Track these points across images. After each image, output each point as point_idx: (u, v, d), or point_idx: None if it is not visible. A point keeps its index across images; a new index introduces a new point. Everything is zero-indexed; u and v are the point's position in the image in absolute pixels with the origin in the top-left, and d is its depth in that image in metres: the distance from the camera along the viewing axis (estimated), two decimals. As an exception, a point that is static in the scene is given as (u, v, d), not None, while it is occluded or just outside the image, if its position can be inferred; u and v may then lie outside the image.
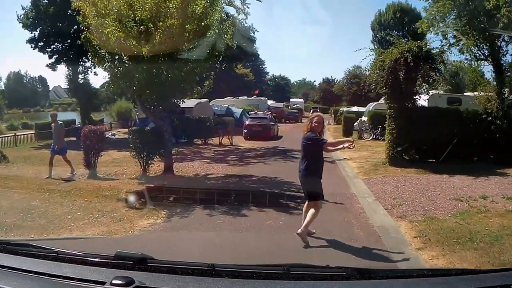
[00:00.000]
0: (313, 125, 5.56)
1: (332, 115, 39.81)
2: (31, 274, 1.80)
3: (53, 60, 25.48)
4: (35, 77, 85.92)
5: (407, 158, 11.99)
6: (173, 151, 15.55)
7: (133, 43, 8.73)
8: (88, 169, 10.92)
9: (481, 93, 13.58)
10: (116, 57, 9.37)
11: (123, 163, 12.75)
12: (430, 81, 11.93)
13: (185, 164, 12.87)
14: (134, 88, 9.97)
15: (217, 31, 9.21)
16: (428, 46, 11.75)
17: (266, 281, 1.74)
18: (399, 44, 11.82)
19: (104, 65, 9.92)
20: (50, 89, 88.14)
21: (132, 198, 7.55)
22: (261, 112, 28.00)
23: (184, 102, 11.75)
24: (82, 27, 10.21)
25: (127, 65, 9.44)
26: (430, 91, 15.57)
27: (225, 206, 7.22)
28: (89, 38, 9.88)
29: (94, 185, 9.78)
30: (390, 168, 11.58)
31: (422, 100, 13.48)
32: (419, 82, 11.65)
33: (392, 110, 11.87)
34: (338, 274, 1.83)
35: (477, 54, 13.34)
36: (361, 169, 11.79)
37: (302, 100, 60.98)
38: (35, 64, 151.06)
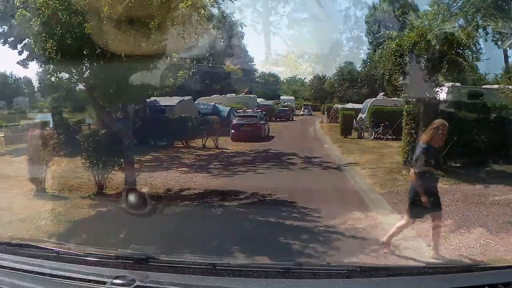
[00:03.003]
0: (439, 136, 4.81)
1: (326, 112, 37.77)
2: (33, 274, 1.76)
3: (24, 56, 23.14)
4: (20, 78, 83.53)
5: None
6: (148, 157, 13.51)
7: (74, 18, 6.45)
8: (34, 184, 8.75)
9: (507, 86, 11.70)
10: (56, 38, 7.01)
11: (86, 172, 10.55)
12: (456, 69, 9.80)
13: (157, 174, 10.48)
14: (85, 80, 7.65)
15: (190, 2, 6.92)
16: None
17: (267, 280, 1.69)
18: (417, 26, 9.72)
19: (45, 50, 7.55)
20: (36, 90, 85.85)
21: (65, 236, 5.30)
22: (250, 110, 25.77)
23: (151, 98, 9.42)
24: (17, 4, 7.97)
25: (72, 48, 7.11)
26: (448, 83, 13.48)
27: (196, 254, 4.89)
28: (26, 17, 7.63)
29: (34, 207, 7.64)
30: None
31: (444, 93, 11.44)
32: (443, 71, 9.52)
33: (411, 105, 9.71)
34: (339, 272, 1.78)
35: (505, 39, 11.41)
36: (375, 178, 9.56)
37: (293, 97, 59.47)
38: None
